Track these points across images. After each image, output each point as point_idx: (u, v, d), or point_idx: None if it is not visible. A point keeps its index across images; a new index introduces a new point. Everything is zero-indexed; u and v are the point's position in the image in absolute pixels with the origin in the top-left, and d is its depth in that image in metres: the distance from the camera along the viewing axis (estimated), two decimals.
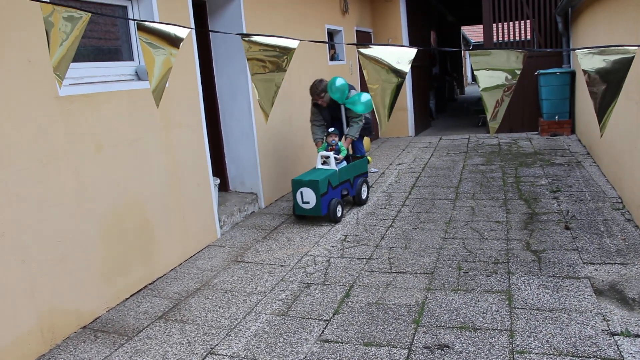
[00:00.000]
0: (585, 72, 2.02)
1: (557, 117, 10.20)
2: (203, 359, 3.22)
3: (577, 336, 3.14)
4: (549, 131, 10.31)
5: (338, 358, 3.11)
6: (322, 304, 3.82)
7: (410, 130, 11.98)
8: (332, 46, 9.62)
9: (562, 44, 10.68)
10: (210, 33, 6.21)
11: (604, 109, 2.03)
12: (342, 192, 6.04)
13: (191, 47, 5.09)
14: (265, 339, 3.39)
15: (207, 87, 5.97)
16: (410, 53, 2.07)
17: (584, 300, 3.57)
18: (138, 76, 4.52)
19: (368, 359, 3.08)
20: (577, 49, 1.99)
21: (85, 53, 4.17)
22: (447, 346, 3.15)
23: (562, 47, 10.63)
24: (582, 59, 1.98)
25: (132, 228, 4.27)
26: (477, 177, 7.29)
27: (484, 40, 11.42)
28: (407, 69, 2.06)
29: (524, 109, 10.84)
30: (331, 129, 6.24)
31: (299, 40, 2.17)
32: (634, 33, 5.01)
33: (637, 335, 3.10)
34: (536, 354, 3.00)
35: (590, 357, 2.93)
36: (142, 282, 4.35)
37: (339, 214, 5.74)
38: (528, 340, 3.13)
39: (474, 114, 13.69)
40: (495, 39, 11.29)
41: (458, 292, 3.84)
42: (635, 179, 5.00)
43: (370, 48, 2.08)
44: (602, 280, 3.84)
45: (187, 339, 3.46)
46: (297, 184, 5.66)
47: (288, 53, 2.17)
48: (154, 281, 4.47)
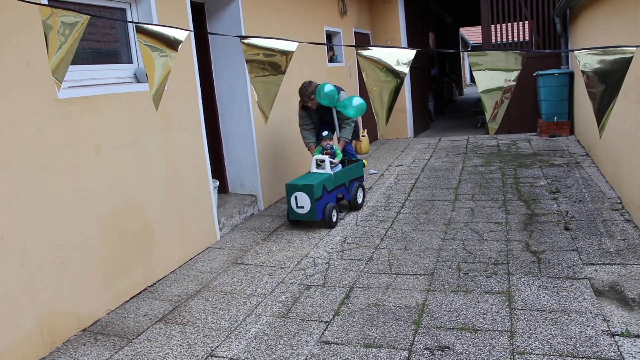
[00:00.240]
0: (584, 72, 2.02)
1: (556, 118, 10.21)
2: None
3: (578, 337, 3.14)
4: (547, 132, 10.32)
5: (338, 359, 3.11)
6: (322, 306, 3.81)
7: (409, 131, 11.99)
8: (330, 48, 9.63)
9: (560, 45, 10.70)
10: (209, 35, 6.22)
11: (603, 110, 2.03)
12: (338, 195, 5.93)
13: (190, 50, 5.09)
14: (266, 340, 3.38)
15: (206, 90, 5.97)
16: (409, 54, 2.07)
17: (584, 300, 3.57)
18: (137, 79, 4.52)
19: None
20: (576, 50, 1.99)
21: (84, 56, 4.17)
22: (448, 347, 3.14)
23: (560, 48, 10.65)
24: (581, 59, 1.99)
25: (132, 230, 4.26)
26: (476, 179, 7.29)
27: (482, 42, 11.44)
28: (406, 71, 2.07)
29: (523, 110, 10.85)
30: (325, 133, 6.12)
31: (298, 42, 2.17)
32: (632, 33, 5.02)
33: (638, 336, 3.10)
34: (536, 354, 3.00)
35: (590, 358, 2.93)
36: (141, 284, 4.34)
37: (334, 219, 5.63)
38: (528, 341, 3.13)
39: (472, 115, 13.70)
40: (493, 40, 11.30)
41: (458, 293, 3.84)
42: (635, 179, 5.00)
43: (370, 50, 2.08)
44: (602, 281, 3.84)
45: (188, 341, 3.46)
46: (291, 188, 5.54)
47: (287, 55, 2.18)
48: (154, 283, 4.46)
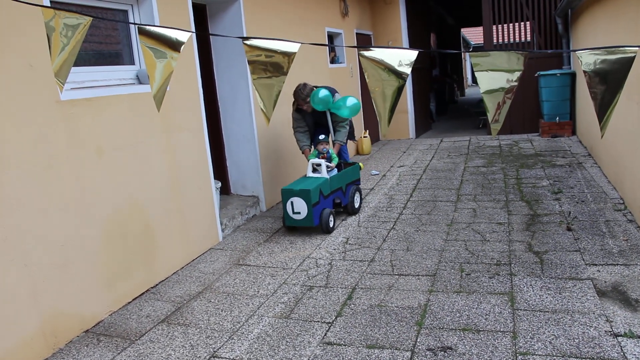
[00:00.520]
0: (586, 73, 2.02)
1: (557, 118, 10.20)
2: None
3: (580, 337, 3.13)
4: (549, 132, 10.31)
5: None
6: (325, 307, 3.81)
7: (411, 132, 11.98)
8: (332, 49, 9.63)
9: (562, 45, 10.69)
10: (210, 36, 6.23)
11: (605, 109, 2.03)
12: (335, 200, 5.82)
13: (192, 51, 5.10)
14: (268, 341, 3.38)
15: (207, 91, 5.97)
16: (412, 55, 2.07)
17: (586, 301, 3.57)
18: (139, 80, 4.53)
19: None
20: (577, 50, 1.99)
21: (86, 57, 4.18)
22: (450, 348, 3.14)
23: (562, 48, 10.64)
24: (583, 59, 1.99)
25: (134, 232, 4.27)
26: (478, 179, 7.28)
27: (484, 42, 11.43)
28: (408, 71, 2.07)
29: (525, 110, 10.84)
30: (321, 137, 5.99)
31: (300, 43, 2.17)
32: (634, 34, 5.02)
33: None
34: (539, 355, 2.99)
35: (593, 359, 2.92)
36: (144, 285, 4.35)
37: (331, 225, 5.48)
38: (531, 342, 3.13)
39: (474, 116, 13.69)
40: (495, 41, 11.29)
41: (460, 294, 3.84)
42: (637, 179, 4.99)
43: (372, 50, 2.08)
44: (605, 282, 3.83)
45: (190, 343, 3.46)
46: (287, 193, 5.37)
47: (289, 56, 2.18)
48: (156, 285, 4.47)
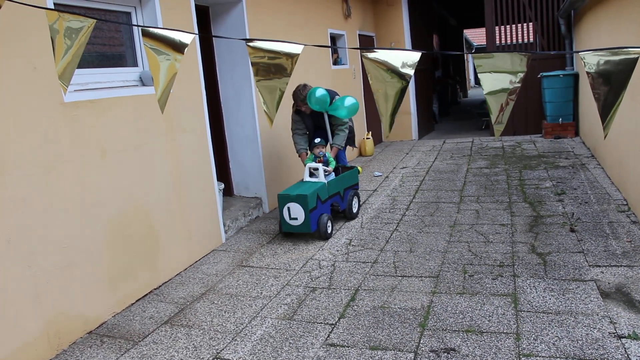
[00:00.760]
0: (589, 73, 2.02)
1: (560, 119, 10.18)
2: None
3: (584, 339, 3.13)
4: (552, 134, 10.29)
5: None
6: (328, 308, 3.81)
7: (414, 133, 11.98)
8: (335, 50, 9.64)
9: (565, 46, 10.68)
10: (213, 38, 6.24)
11: (608, 110, 2.03)
12: (333, 205, 5.70)
13: (195, 53, 5.11)
14: (271, 343, 3.39)
15: (210, 92, 5.99)
16: (415, 57, 2.07)
17: (590, 303, 3.56)
18: (142, 82, 4.54)
19: None
20: (581, 52, 1.99)
21: (90, 59, 4.19)
22: (454, 349, 3.14)
23: (564, 49, 10.63)
24: (586, 60, 1.99)
25: (137, 233, 4.28)
26: (481, 180, 7.28)
27: (486, 44, 11.42)
28: (411, 73, 2.07)
29: (528, 111, 10.83)
30: (317, 140, 5.85)
31: (303, 45, 2.18)
32: (637, 34, 5.01)
33: None
34: (543, 357, 2.99)
35: None
36: (147, 287, 4.35)
37: (329, 230, 5.34)
38: (534, 344, 3.12)
39: (477, 117, 13.68)
40: (497, 42, 11.29)
41: (464, 295, 3.84)
42: None
43: (375, 52, 2.09)
44: (609, 283, 3.82)
45: (193, 344, 3.46)
46: (283, 199, 5.23)
47: (292, 58, 2.18)
48: (160, 286, 4.47)
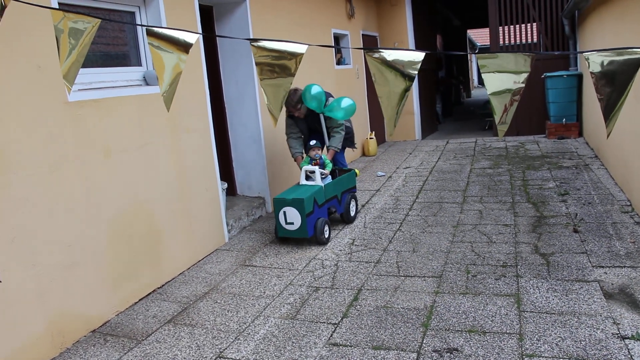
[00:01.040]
0: (593, 74, 2.01)
1: (564, 120, 10.16)
2: None
3: (587, 340, 3.12)
4: (556, 134, 10.27)
5: None
6: (331, 308, 3.82)
7: (417, 133, 11.98)
8: (338, 50, 9.64)
9: (568, 46, 10.66)
10: (217, 38, 6.25)
11: (611, 110, 2.03)
12: (331, 209, 5.57)
13: (198, 52, 5.12)
14: (274, 342, 3.39)
15: (214, 92, 5.99)
16: (418, 57, 2.07)
17: (593, 303, 3.55)
18: (146, 81, 4.55)
19: None
20: (585, 52, 1.99)
21: (94, 58, 4.20)
22: (456, 350, 3.14)
23: (568, 49, 10.61)
24: (590, 61, 1.98)
25: (140, 232, 4.29)
26: (484, 181, 7.27)
27: (490, 44, 11.41)
28: (415, 73, 2.07)
29: (531, 112, 10.80)
30: (313, 142, 5.69)
31: (307, 45, 2.18)
32: None
33: None
34: (546, 357, 2.98)
35: None
36: (150, 286, 4.36)
37: (326, 235, 5.21)
38: (537, 344, 3.12)
39: (480, 118, 13.67)
40: (501, 42, 11.28)
41: (466, 295, 3.83)
42: None
43: (379, 52, 2.09)
44: (612, 284, 3.82)
45: (196, 343, 3.47)
46: (279, 202, 5.10)
47: (296, 57, 2.19)
48: (163, 285, 4.48)
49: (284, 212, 5.08)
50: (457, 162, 8.80)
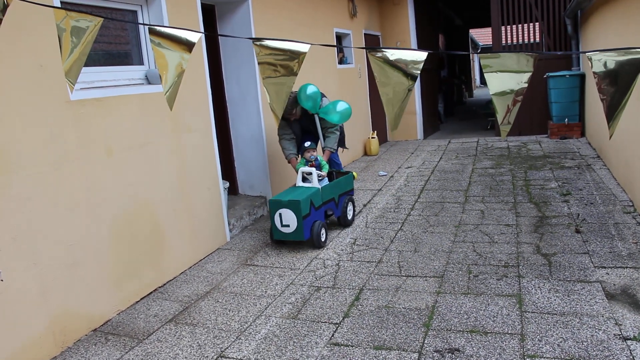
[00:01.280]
0: (595, 74, 2.01)
1: (566, 120, 10.15)
2: None
3: (589, 340, 3.12)
4: (558, 134, 10.26)
5: None
6: (332, 308, 3.81)
7: (419, 133, 11.96)
8: (340, 50, 9.63)
9: (571, 46, 10.64)
10: (219, 37, 6.24)
11: (614, 111, 2.02)
12: (328, 212, 5.44)
13: (201, 51, 5.11)
14: (276, 342, 3.39)
15: (216, 91, 5.99)
16: (421, 56, 2.07)
17: (595, 304, 3.55)
18: (148, 80, 4.55)
19: None
20: (588, 52, 1.98)
21: (96, 57, 4.20)
22: (458, 350, 3.13)
23: (571, 49, 10.59)
24: (594, 61, 1.98)
25: (142, 231, 4.29)
26: (486, 181, 7.26)
27: (492, 43, 11.39)
28: (418, 73, 2.06)
29: (533, 111, 10.79)
30: (307, 144, 5.59)
31: (310, 44, 2.18)
32: None
33: None
34: (547, 358, 2.98)
35: None
36: (152, 285, 4.36)
37: (323, 239, 5.08)
38: (539, 345, 3.12)
39: (482, 117, 13.65)
40: (504, 42, 11.26)
41: (468, 295, 3.83)
42: None
43: (381, 51, 2.08)
44: (614, 284, 3.81)
45: (198, 342, 3.47)
46: (275, 204, 4.97)
47: (299, 57, 2.18)
48: (164, 284, 4.48)
49: (280, 214, 4.96)
50: (459, 162, 8.79)
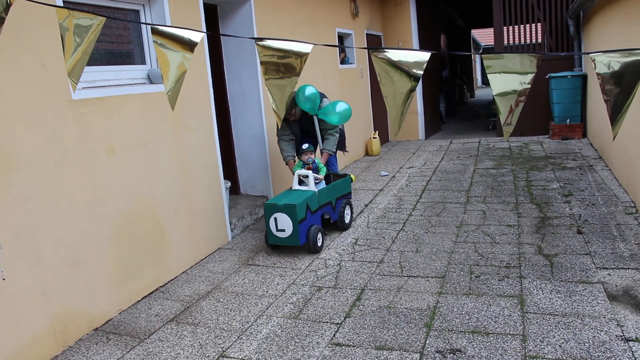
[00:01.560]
0: (599, 75, 2.00)
1: (568, 120, 10.13)
2: None
3: (591, 342, 3.11)
4: (560, 135, 10.25)
5: None
6: (334, 308, 3.81)
7: (421, 133, 11.95)
8: (342, 50, 9.62)
9: (573, 47, 10.62)
10: (221, 37, 6.24)
11: (617, 112, 2.02)
12: (325, 216, 5.34)
13: (203, 51, 5.11)
14: (277, 342, 3.39)
15: (218, 91, 5.99)
16: (424, 57, 2.06)
17: (597, 305, 3.54)
18: (150, 80, 4.55)
19: None
20: (591, 53, 1.97)
21: (98, 57, 4.20)
22: (459, 350, 3.13)
23: (573, 50, 10.57)
24: (597, 61, 1.97)
25: (144, 231, 4.29)
26: (488, 181, 7.25)
27: (494, 44, 11.38)
28: (421, 73, 2.06)
29: (535, 112, 10.78)
30: (305, 146, 5.44)
31: (313, 44, 2.17)
32: None
33: None
34: (549, 359, 2.97)
35: None
36: (153, 284, 4.37)
37: (319, 244, 4.96)
38: (541, 345, 3.11)
39: (484, 118, 13.64)
40: (505, 42, 11.25)
41: (470, 296, 3.83)
42: None
43: (384, 52, 2.08)
44: (616, 285, 3.80)
45: (199, 342, 3.47)
46: (270, 208, 4.85)
47: (302, 57, 2.18)
48: (166, 284, 4.48)
49: (275, 219, 4.84)
50: (460, 162, 8.79)
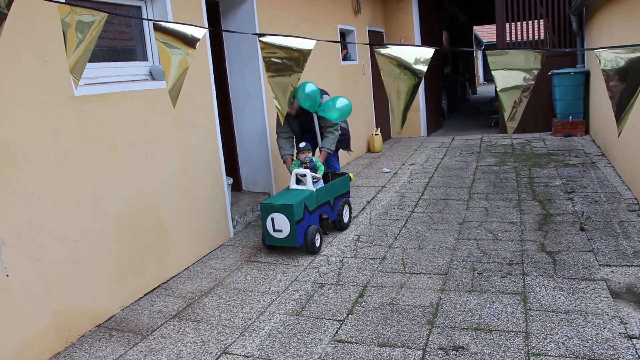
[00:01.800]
0: (604, 71, 1.99)
1: (571, 117, 10.11)
2: (217, 358, 3.22)
3: (594, 339, 3.11)
4: (562, 132, 10.22)
5: (352, 358, 3.10)
6: (336, 304, 3.81)
7: (423, 130, 11.93)
8: (344, 46, 9.60)
9: (576, 43, 10.59)
10: (223, 33, 6.23)
11: (622, 108, 2.00)
12: (323, 216, 5.23)
13: (205, 47, 5.10)
14: (279, 338, 3.39)
15: (220, 87, 5.98)
16: (427, 53, 2.05)
17: (600, 302, 3.53)
18: (152, 76, 4.54)
19: None
20: (596, 49, 1.96)
21: (100, 53, 4.19)
22: (462, 347, 3.13)
23: (576, 46, 10.54)
24: (602, 58, 1.96)
25: (146, 228, 4.29)
26: (490, 178, 7.24)
27: (497, 40, 11.35)
28: (424, 69, 2.05)
29: (538, 109, 10.75)
30: (302, 144, 5.29)
31: (316, 41, 2.16)
32: None
33: None
34: (552, 356, 2.97)
35: None
36: (155, 281, 4.37)
37: (317, 244, 4.86)
38: (544, 343, 3.11)
39: (486, 114, 13.61)
40: (508, 39, 11.21)
41: (472, 293, 3.82)
42: None
43: (387, 48, 2.07)
44: (619, 283, 3.80)
45: (201, 338, 3.47)
46: (266, 208, 4.74)
47: (304, 54, 2.17)
48: (168, 280, 4.49)
49: (272, 219, 4.74)
50: (462, 159, 8.77)
